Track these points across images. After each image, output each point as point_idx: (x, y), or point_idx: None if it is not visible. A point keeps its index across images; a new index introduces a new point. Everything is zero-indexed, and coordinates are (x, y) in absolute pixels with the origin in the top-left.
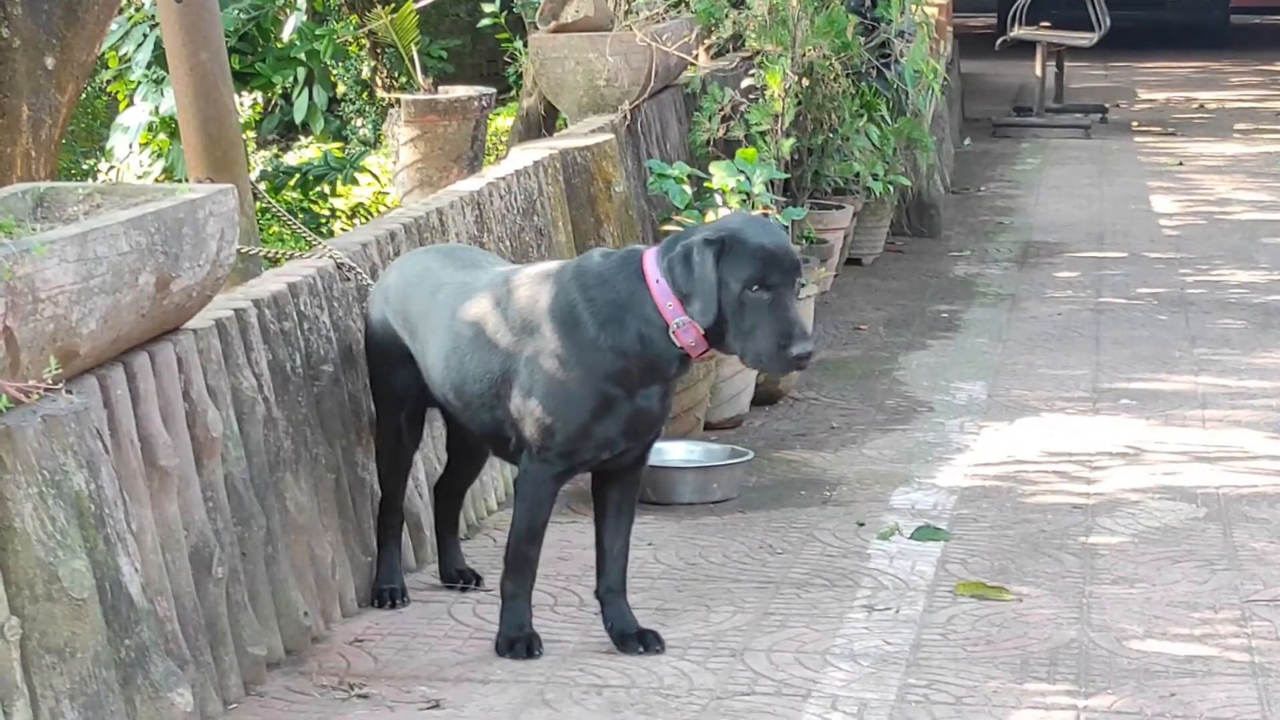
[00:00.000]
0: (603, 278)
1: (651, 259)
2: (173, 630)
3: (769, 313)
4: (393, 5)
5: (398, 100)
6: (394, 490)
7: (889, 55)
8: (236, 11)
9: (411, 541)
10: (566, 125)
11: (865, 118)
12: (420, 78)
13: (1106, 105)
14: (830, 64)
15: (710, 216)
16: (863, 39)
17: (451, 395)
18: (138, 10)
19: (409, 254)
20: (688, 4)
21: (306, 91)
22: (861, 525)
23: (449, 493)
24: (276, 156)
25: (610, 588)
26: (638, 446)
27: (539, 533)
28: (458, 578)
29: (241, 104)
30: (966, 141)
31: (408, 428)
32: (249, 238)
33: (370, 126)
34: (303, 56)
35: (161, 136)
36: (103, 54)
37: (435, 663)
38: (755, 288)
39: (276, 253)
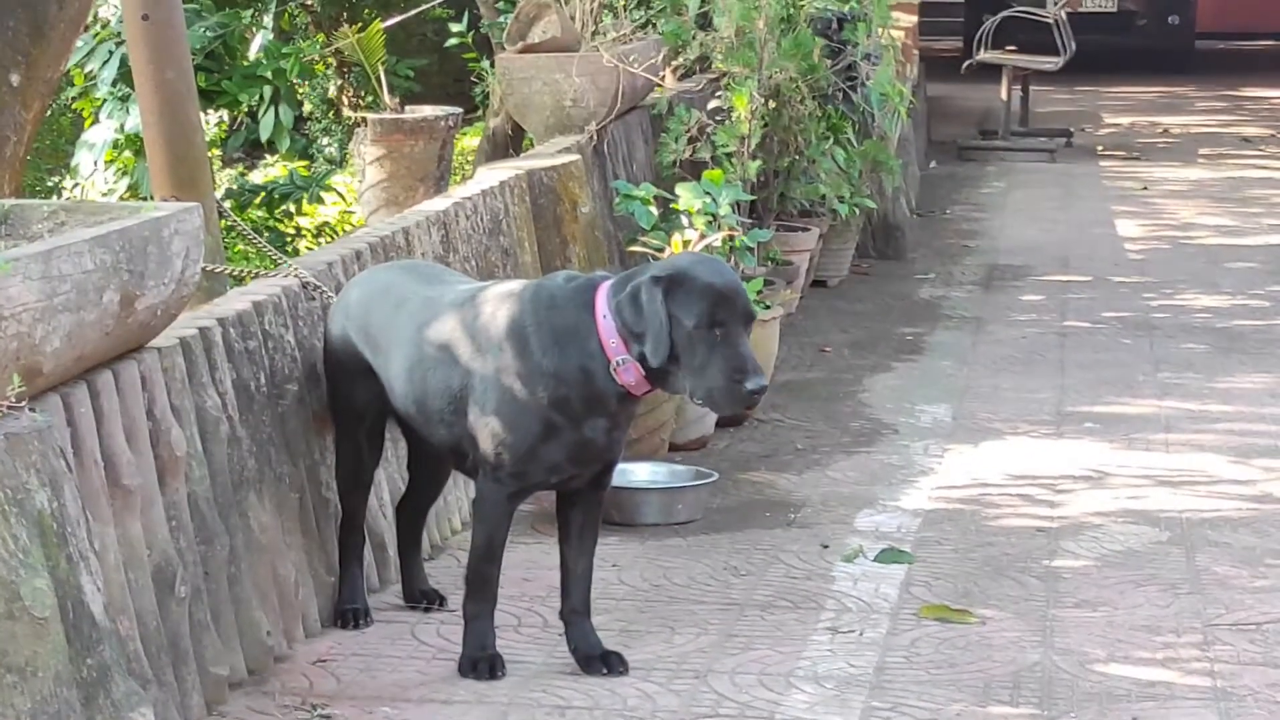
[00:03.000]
0: (555, 303)
1: (604, 293)
2: (135, 650)
3: (721, 349)
4: (359, 24)
5: (364, 119)
6: (355, 508)
7: (855, 78)
8: (203, 29)
9: (375, 561)
10: (533, 145)
11: (831, 140)
12: (387, 97)
13: (1071, 129)
14: (797, 86)
15: (676, 237)
16: (829, 62)
17: (413, 409)
18: (104, 27)
19: (370, 270)
20: (655, 26)
21: (272, 110)
22: (826, 547)
23: (411, 512)
24: (242, 175)
25: (574, 609)
26: (590, 473)
27: (497, 552)
28: (421, 598)
29: (207, 122)
30: (932, 164)
31: (367, 444)
32: (214, 256)
33: (336, 145)
34: (269, 75)
35: (127, 154)
36: (68, 71)
37: (398, 683)
38: (707, 325)
39: (242, 271)
